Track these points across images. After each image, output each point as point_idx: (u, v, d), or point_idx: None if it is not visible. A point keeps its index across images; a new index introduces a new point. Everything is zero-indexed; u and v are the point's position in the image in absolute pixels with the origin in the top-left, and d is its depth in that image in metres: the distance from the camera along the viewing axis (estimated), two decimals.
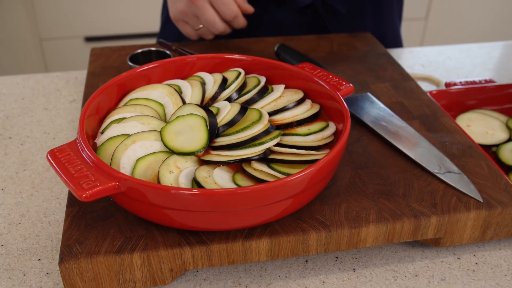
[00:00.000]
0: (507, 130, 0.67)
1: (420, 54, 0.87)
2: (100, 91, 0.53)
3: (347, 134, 0.47)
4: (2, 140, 0.64)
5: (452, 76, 0.80)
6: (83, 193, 0.40)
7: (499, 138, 0.66)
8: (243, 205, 0.42)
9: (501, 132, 0.66)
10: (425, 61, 0.85)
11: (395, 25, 0.92)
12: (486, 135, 0.66)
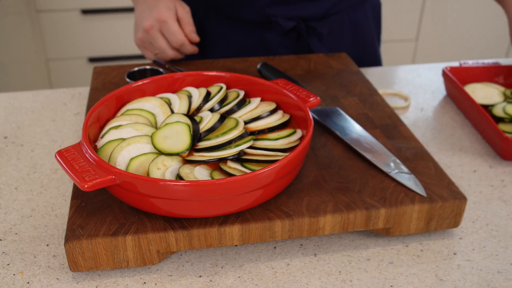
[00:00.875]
0: (502, 96, 0.83)
1: (392, 73, 0.96)
2: (101, 103, 0.62)
3: (308, 138, 0.56)
4: (15, 147, 0.73)
5: (420, 92, 0.89)
6: (85, 184, 0.49)
7: (495, 100, 0.82)
8: (218, 195, 0.50)
9: (497, 97, 0.83)
10: (395, 78, 0.94)
11: (374, 46, 1.02)
12: (485, 98, 0.83)
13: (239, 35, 0.94)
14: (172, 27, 0.82)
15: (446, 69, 0.86)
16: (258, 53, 0.95)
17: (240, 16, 0.93)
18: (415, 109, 0.85)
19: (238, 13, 0.93)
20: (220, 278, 0.53)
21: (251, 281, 0.53)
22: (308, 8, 0.91)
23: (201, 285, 0.52)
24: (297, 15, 0.91)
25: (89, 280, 0.53)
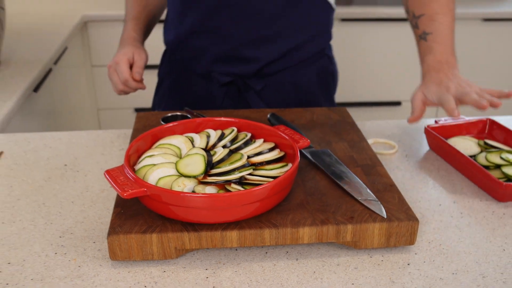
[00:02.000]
0: (478, 147, 0.97)
1: (388, 125, 1.13)
2: (140, 138, 0.81)
3: (294, 168, 0.73)
4: (73, 172, 0.93)
5: (408, 140, 1.05)
6: (125, 193, 0.68)
7: (474, 151, 0.97)
8: (221, 205, 0.68)
9: (475, 148, 0.98)
10: (390, 130, 1.11)
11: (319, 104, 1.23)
12: (466, 150, 0.97)
13: (194, 86, 1.19)
14: (121, 67, 1.08)
15: (428, 127, 1.02)
16: (208, 102, 1.17)
17: (193, 70, 1.19)
18: (400, 155, 1.01)
19: (192, 68, 1.19)
20: (221, 271, 0.70)
21: (244, 275, 0.69)
22: (241, 67, 1.14)
23: (207, 275, 0.69)
24: (233, 72, 1.14)
25: (124, 267, 0.70)
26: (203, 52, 1.15)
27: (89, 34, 2.19)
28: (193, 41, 1.15)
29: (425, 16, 1.05)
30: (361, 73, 2.41)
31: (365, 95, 2.46)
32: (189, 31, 1.14)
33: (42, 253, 0.73)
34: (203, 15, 1.10)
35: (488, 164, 0.92)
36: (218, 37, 1.12)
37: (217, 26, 1.10)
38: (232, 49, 1.12)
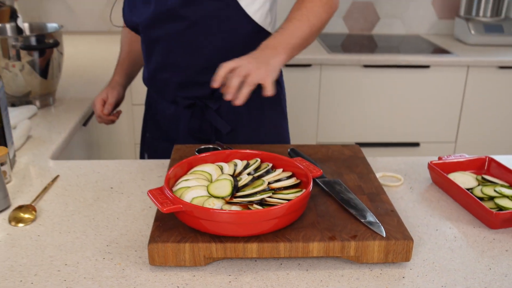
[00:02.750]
0: (476, 181, 1.09)
1: (396, 161, 1.25)
2: (178, 165, 0.96)
3: (306, 193, 0.86)
4: (118, 194, 1.08)
5: (410, 173, 1.17)
6: (164, 208, 0.82)
7: (472, 185, 1.08)
8: (244, 221, 0.81)
9: (473, 182, 1.09)
10: (395, 164, 1.23)
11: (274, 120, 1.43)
12: (464, 183, 1.08)
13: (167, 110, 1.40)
14: (95, 106, 1.43)
15: (432, 163, 1.14)
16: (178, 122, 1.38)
17: (163, 98, 1.40)
18: (405, 187, 1.13)
19: (162, 96, 1.40)
20: (242, 278, 0.83)
21: (262, 281, 0.82)
22: (199, 91, 1.34)
23: (230, 280, 0.82)
24: (194, 95, 1.34)
25: (160, 271, 0.84)
26: (168, 83, 1.36)
27: None
28: (159, 75, 1.37)
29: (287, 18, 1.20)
30: (382, 116, 2.54)
31: (386, 136, 2.58)
32: (155, 68, 1.37)
33: (93, 257, 0.87)
34: (162, 54, 1.33)
35: (483, 196, 1.03)
36: (177, 69, 1.33)
37: (174, 61, 1.33)
38: (189, 76, 1.33)
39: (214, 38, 1.28)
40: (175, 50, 1.31)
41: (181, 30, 1.28)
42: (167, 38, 1.30)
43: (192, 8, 1.25)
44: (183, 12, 1.25)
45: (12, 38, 1.50)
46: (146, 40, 1.36)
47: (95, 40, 2.71)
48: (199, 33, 1.28)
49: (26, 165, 1.22)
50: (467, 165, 1.17)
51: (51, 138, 1.38)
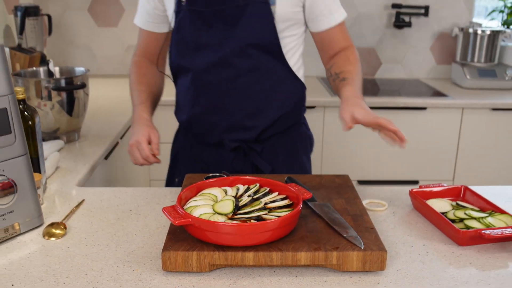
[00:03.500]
0: (451, 207, 1.23)
1: (383, 190, 1.40)
2: (188, 188, 1.12)
3: (296, 211, 1.02)
4: (136, 215, 1.24)
5: (394, 200, 1.32)
6: (176, 221, 0.98)
7: (446, 209, 1.22)
8: (242, 232, 0.97)
9: (448, 207, 1.23)
10: (382, 192, 1.38)
11: (302, 162, 1.57)
12: (441, 208, 1.22)
13: (208, 154, 1.51)
14: (142, 146, 1.36)
15: (412, 191, 1.29)
16: (220, 166, 1.48)
17: (206, 141, 1.51)
18: (389, 212, 1.28)
19: (205, 139, 1.51)
20: (240, 282, 0.97)
21: (257, 285, 0.96)
22: (245, 134, 1.47)
23: (230, 283, 0.97)
24: (240, 138, 1.47)
25: (171, 275, 0.99)
26: (215, 126, 1.49)
27: None
28: (206, 117, 1.48)
29: (343, 72, 1.41)
30: (383, 155, 2.69)
31: (386, 174, 2.73)
32: (202, 111, 1.48)
33: (114, 264, 1.02)
34: (212, 98, 1.46)
35: (455, 218, 1.18)
36: (226, 113, 1.46)
37: (225, 105, 1.46)
38: (237, 121, 1.47)
39: (262, 86, 1.44)
40: (225, 95, 1.44)
41: (233, 77, 1.42)
42: (218, 84, 1.43)
43: (245, 58, 1.41)
44: (236, 62, 1.41)
45: (44, 80, 1.71)
46: (196, 84, 1.46)
47: (114, 83, 2.93)
48: (249, 81, 1.43)
49: (56, 190, 1.39)
50: (445, 193, 1.32)
51: (77, 169, 1.55)
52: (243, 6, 1.38)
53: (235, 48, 1.40)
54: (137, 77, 1.57)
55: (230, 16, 1.39)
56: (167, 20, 1.53)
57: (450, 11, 3.07)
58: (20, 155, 1.11)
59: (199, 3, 1.40)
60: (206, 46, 1.42)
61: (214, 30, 1.41)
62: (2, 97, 1.07)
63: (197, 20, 1.41)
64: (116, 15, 3.08)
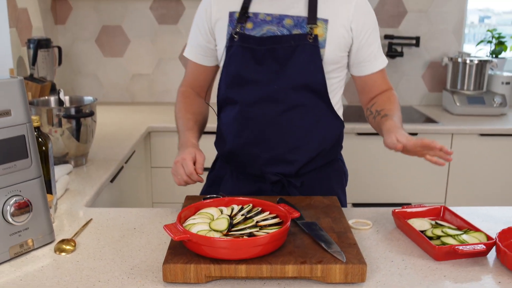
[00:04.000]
0: (430, 225, 1.33)
1: (369, 211, 1.51)
2: (187, 208, 1.23)
3: (284, 228, 1.12)
4: (139, 233, 1.34)
5: (379, 219, 1.43)
6: (176, 236, 1.09)
7: (426, 228, 1.32)
8: (235, 247, 1.07)
9: (427, 226, 1.32)
10: (368, 212, 1.48)
11: (337, 194, 1.63)
12: (420, 227, 1.31)
13: (246, 185, 1.59)
14: (187, 162, 1.38)
15: (394, 211, 1.40)
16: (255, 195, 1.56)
17: (246, 172, 1.58)
18: (373, 231, 1.38)
19: (245, 170, 1.58)
20: None
21: None
22: (286, 168, 1.55)
23: None
24: (280, 172, 1.54)
25: (171, 286, 1.09)
26: (256, 158, 1.53)
27: (151, 142, 2.72)
28: (249, 149, 1.53)
29: (384, 110, 1.53)
30: (375, 178, 2.79)
31: (379, 197, 2.83)
32: (245, 142, 1.53)
33: (120, 276, 1.13)
34: (257, 131, 1.52)
35: (432, 236, 1.28)
36: (269, 146, 1.54)
37: (268, 139, 1.53)
38: (278, 154, 1.54)
39: (305, 122, 1.53)
40: (269, 129, 1.50)
41: (278, 112, 1.49)
42: (263, 118, 1.49)
43: (291, 96, 1.50)
44: (283, 98, 1.48)
45: (56, 108, 1.83)
46: (242, 117, 1.51)
47: (120, 110, 3.06)
48: (293, 117, 1.50)
49: (66, 210, 1.50)
50: (425, 213, 1.42)
51: (85, 191, 1.67)
52: (294, 46, 1.46)
53: (284, 86, 1.48)
54: (184, 106, 1.63)
55: (281, 55, 1.47)
56: (216, 54, 1.60)
57: (440, 42, 3.21)
58: (35, 178, 1.23)
59: (252, 41, 1.48)
60: (255, 81, 1.49)
61: (264, 67, 1.48)
62: (21, 125, 1.19)
63: (248, 56, 1.48)
64: (121, 46, 3.23)
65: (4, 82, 1.16)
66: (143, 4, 3.17)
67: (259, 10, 1.51)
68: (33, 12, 2.80)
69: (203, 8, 1.59)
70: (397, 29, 3.20)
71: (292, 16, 1.49)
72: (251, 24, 1.50)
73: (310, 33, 1.46)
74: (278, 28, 1.49)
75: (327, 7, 1.49)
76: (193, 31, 1.62)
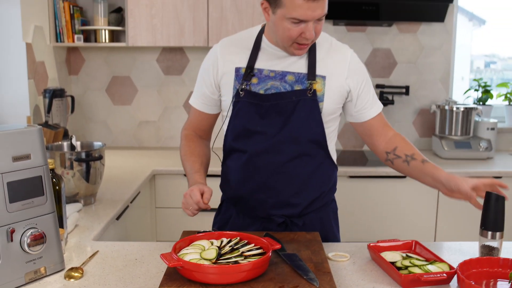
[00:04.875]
0: (401, 257, 1.47)
1: (345, 244, 1.66)
2: (182, 240, 1.40)
3: (265, 258, 1.29)
4: (140, 263, 1.50)
5: (356, 253, 1.58)
6: (170, 263, 1.25)
7: (396, 259, 1.45)
8: (222, 273, 1.23)
9: (398, 257, 1.46)
10: (347, 246, 1.64)
11: (333, 232, 1.79)
12: (392, 258, 1.45)
13: (252, 224, 1.74)
14: (195, 192, 1.51)
15: (370, 244, 1.55)
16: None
17: (253, 215, 1.74)
18: (350, 262, 1.53)
19: (252, 213, 1.74)
20: None
21: None
22: (290, 210, 1.71)
23: None
24: (285, 214, 1.70)
25: None
26: (263, 203, 1.67)
27: (156, 184, 2.90)
28: (256, 195, 1.67)
29: (415, 154, 1.68)
30: (365, 218, 2.94)
31: (369, 236, 2.96)
32: (252, 189, 1.67)
33: None
34: (263, 179, 1.65)
35: (401, 266, 1.43)
36: (274, 192, 1.69)
37: (273, 185, 1.68)
38: (283, 199, 1.70)
39: (306, 169, 1.69)
40: (275, 176, 1.64)
41: (282, 161, 1.63)
42: (270, 166, 1.63)
43: (294, 146, 1.66)
44: (286, 149, 1.63)
45: (68, 153, 2.03)
46: (248, 166, 1.65)
47: (127, 154, 3.26)
48: (295, 165, 1.64)
49: (75, 243, 1.67)
50: (398, 247, 1.57)
51: (93, 227, 1.84)
52: (295, 101, 1.61)
53: (287, 137, 1.62)
54: (189, 149, 1.76)
55: (284, 109, 1.61)
56: (218, 103, 1.74)
57: (428, 90, 3.42)
58: (49, 213, 1.41)
59: (257, 97, 1.62)
60: (260, 133, 1.63)
61: (268, 121, 1.62)
62: (39, 167, 1.38)
63: (253, 110, 1.62)
64: (130, 95, 3.46)
65: (26, 131, 1.36)
66: (150, 56, 3.42)
67: (263, 66, 1.65)
68: (49, 64, 3.05)
69: (210, 62, 1.71)
70: (388, 79, 3.41)
71: (293, 72, 1.64)
72: (256, 79, 1.64)
73: (310, 88, 1.64)
74: (281, 83, 1.64)
75: (325, 65, 1.67)
76: (199, 82, 1.78)
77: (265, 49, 1.67)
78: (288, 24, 1.52)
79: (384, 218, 2.95)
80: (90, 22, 3.32)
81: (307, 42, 1.57)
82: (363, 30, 3.37)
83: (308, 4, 1.47)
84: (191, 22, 3.06)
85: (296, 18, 1.50)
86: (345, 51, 1.71)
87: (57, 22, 3.09)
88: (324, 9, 1.52)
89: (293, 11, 1.49)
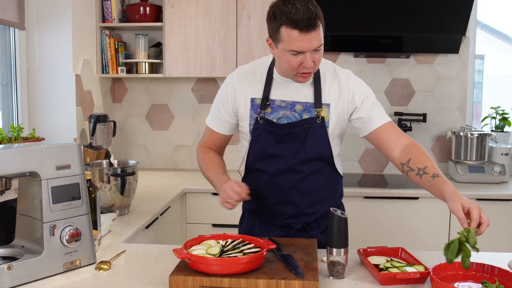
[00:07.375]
0: (385, 260, 1.67)
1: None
2: (192, 240, 1.66)
3: (260, 254, 1.52)
4: (159, 260, 1.76)
5: (350, 257, 1.78)
6: (179, 256, 1.50)
7: (381, 262, 1.66)
8: (223, 264, 1.48)
9: (384, 261, 1.66)
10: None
11: None
12: (377, 261, 1.66)
13: (274, 231, 1.97)
14: (235, 185, 1.73)
15: (360, 250, 1.76)
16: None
17: (273, 224, 1.98)
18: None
19: (273, 222, 1.98)
20: None
21: None
22: (307, 218, 1.95)
23: None
24: (303, 221, 1.95)
25: None
26: (282, 214, 1.93)
27: (187, 201, 3.18)
28: (276, 208, 1.92)
29: (428, 168, 1.76)
30: (379, 236, 3.11)
31: None
32: (273, 203, 1.92)
33: (139, 286, 1.54)
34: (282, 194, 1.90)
35: (383, 267, 1.63)
36: (291, 205, 1.94)
37: (291, 199, 1.91)
38: (300, 210, 1.95)
39: (318, 184, 1.92)
40: (292, 192, 1.90)
41: (298, 179, 1.89)
42: (287, 184, 1.89)
43: (307, 166, 1.90)
44: (300, 169, 1.88)
45: (105, 168, 2.33)
46: (269, 183, 1.90)
47: (163, 174, 3.57)
48: (309, 181, 1.90)
49: (107, 244, 1.95)
50: (386, 252, 1.77)
51: (124, 232, 2.12)
52: (307, 128, 1.86)
53: (301, 159, 1.87)
54: (209, 159, 1.99)
55: (297, 136, 1.86)
56: (235, 127, 1.99)
57: (445, 117, 3.58)
58: (85, 214, 1.70)
59: (275, 125, 1.87)
60: (278, 156, 1.88)
61: (284, 145, 1.87)
62: (77, 176, 1.67)
63: (271, 137, 1.87)
64: (167, 121, 3.79)
65: (68, 145, 1.66)
66: (186, 86, 3.76)
67: (275, 97, 1.89)
68: (95, 93, 3.42)
69: (228, 91, 1.94)
70: (406, 107, 3.61)
71: (301, 102, 1.88)
72: (269, 109, 1.88)
73: (318, 116, 1.89)
74: (291, 112, 1.88)
75: (329, 94, 1.91)
76: (216, 105, 2.01)
77: (276, 80, 1.92)
78: (289, 56, 1.77)
79: (396, 236, 3.11)
80: (132, 55, 3.69)
81: (308, 71, 1.81)
82: (382, 62, 3.59)
83: (303, 37, 1.71)
84: (221, 55, 3.37)
85: (294, 50, 1.74)
86: (345, 76, 1.94)
87: (103, 55, 3.47)
88: (319, 40, 1.75)
89: (291, 44, 1.74)
